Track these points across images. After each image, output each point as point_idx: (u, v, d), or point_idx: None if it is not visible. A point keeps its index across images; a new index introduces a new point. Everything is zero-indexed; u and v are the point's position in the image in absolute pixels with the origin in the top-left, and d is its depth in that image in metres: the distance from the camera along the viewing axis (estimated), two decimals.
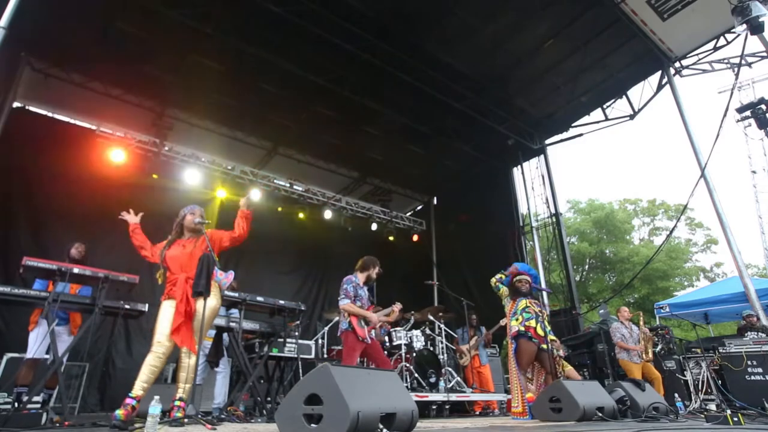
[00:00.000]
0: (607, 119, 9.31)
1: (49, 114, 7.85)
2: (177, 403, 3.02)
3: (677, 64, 8.12)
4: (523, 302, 4.67)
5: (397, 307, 4.69)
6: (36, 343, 3.87)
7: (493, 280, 4.98)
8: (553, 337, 4.72)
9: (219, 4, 6.39)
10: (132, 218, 3.49)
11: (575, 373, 5.93)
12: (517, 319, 4.61)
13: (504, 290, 4.88)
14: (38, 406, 3.54)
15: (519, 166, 10.18)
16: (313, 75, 7.47)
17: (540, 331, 4.50)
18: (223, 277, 3.54)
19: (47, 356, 3.91)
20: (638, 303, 19.69)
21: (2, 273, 6.27)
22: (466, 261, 10.49)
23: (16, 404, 3.59)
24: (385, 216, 11.34)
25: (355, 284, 4.38)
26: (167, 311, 3.14)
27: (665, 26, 7.34)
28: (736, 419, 3.17)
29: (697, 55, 8.00)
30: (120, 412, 2.76)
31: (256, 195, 8.86)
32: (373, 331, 4.36)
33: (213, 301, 3.27)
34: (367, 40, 7.04)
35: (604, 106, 9.25)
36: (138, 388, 2.91)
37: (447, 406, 5.60)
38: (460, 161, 10.62)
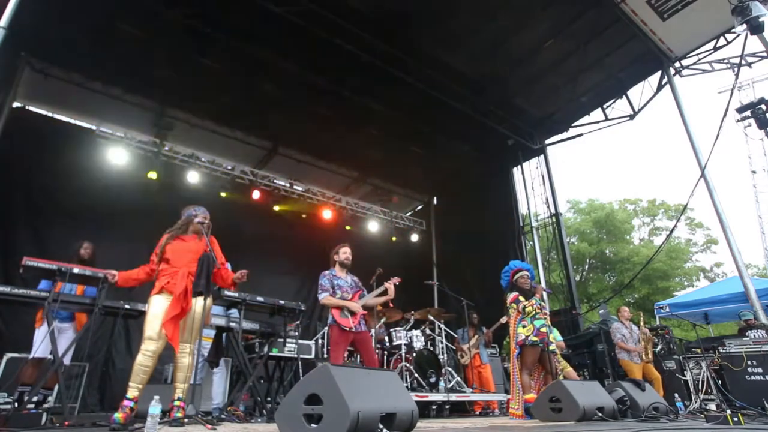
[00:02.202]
0: (607, 119, 9.31)
1: (49, 114, 7.84)
2: (176, 403, 3.03)
3: (677, 64, 8.12)
4: (529, 308, 4.60)
5: (392, 282, 4.37)
6: (40, 342, 3.86)
7: (507, 301, 4.83)
8: (554, 339, 4.71)
9: (219, 4, 6.39)
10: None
11: (574, 374, 5.95)
12: (524, 326, 4.57)
13: (521, 305, 4.66)
14: (32, 406, 3.53)
15: (519, 166, 10.17)
16: (313, 75, 7.48)
17: (544, 332, 4.51)
18: None
19: (51, 356, 3.90)
20: (638, 303, 19.70)
21: (2, 273, 6.27)
22: (466, 261, 10.48)
23: (17, 404, 3.58)
24: (385, 216, 11.34)
25: (329, 276, 4.31)
26: (159, 306, 3.10)
27: (665, 26, 7.34)
28: (736, 419, 3.17)
29: (697, 55, 8.00)
30: (119, 416, 2.76)
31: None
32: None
33: (208, 300, 3.28)
34: (367, 40, 7.04)
35: (604, 106, 9.25)
36: (133, 390, 2.91)
37: (447, 406, 5.60)
38: (460, 161, 10.61)
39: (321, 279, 4.32)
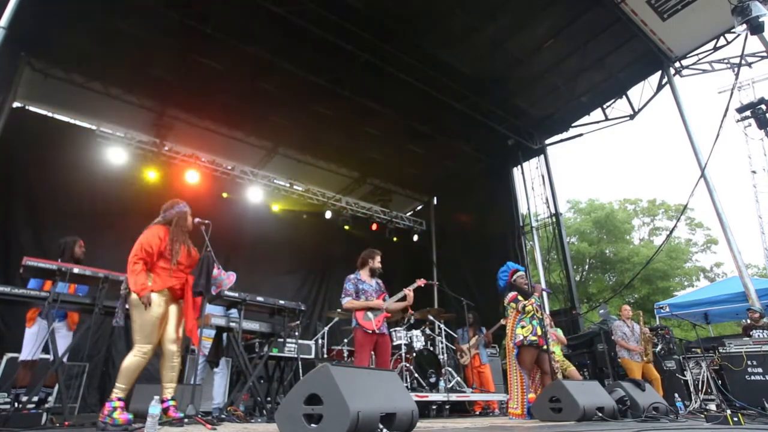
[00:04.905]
0: (607, 119, 9.31)
1: (49, 114, 7.84)
2: (172, 403, 3.02)
3: (677, 64, 8.12)
4: (529, 307, 4.57)
5: (411, 288, 4.41)
6: (31, 342, 3.82)
7: (506, 301, 4.77)
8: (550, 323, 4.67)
9: (219, 4, 6.39)
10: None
11: (576, 374, 5.94)
12: (523, 327, 4.55)
13: (520, 304, 4.61)
14: (32, 406, 3.52)
15: (519, 166, 10.18)
16: (313, 75, 7.47)
17: (540, 333, 4.50)
18: (225, 278, 3.54)
19: (46, 356, 3.89)
20: (638, 303, 19.69)
21: (2, 273, 6.27)
22: (466, 261, 10.48)
23: (15, 404, 3.58)
24: (385, 216, 11.34)
25: (354, 280, 4.35)
26: (158, 308, 3.05)
27: (665, 26, 7.34)
28: (736, 419, 3.17)
29: (697, 55, 8.00)
30: (131, 416, 2.83)
31: None
32: (384, 324, 4.29)
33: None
34: (367, 40, 7.04)
35: (604, 106, 9.25)
36: (125, 391, 2.91)
37: (447, 406, 5.60)
38: (460, 161, 10.62)
39: (346, 283, 4.35)
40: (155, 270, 3.15)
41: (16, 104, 7.18)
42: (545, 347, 4.48)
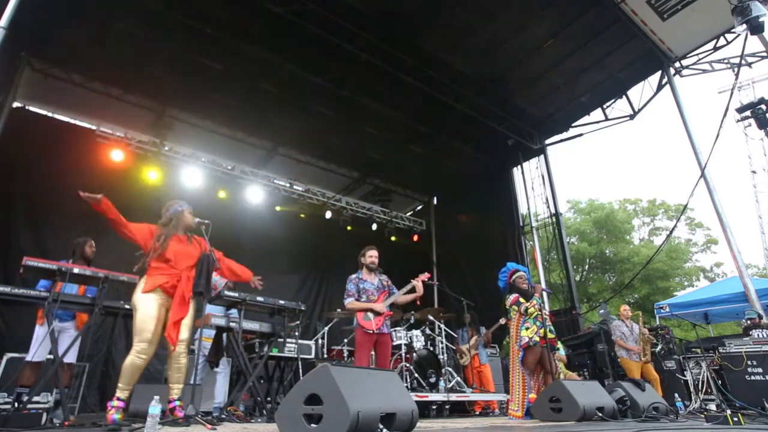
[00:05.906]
0: (607, 119, 9.31)
1: (49, 114, 7.84)
2: (178, 403, 3.03)
3: (677, 64, 8.12)
4: (531, 309, 4.56)
5: (420, 279, 4.37)
6: (39, 342, 3.83)
7: (507, 304, 4.79)
8: (552, 336, 4.69)
9: (219, 4, 6.39)
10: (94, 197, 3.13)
11: (575, 377, 5.94)
12: (527, 328, 4.54)
13: (523, 306, 4.62)
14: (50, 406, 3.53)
15: (519, 166, 10.18)
16: (313, 75, 7.48)
17: (543, 333, 4.50)
18: (219, 278, 3.54)
19: (51, 356, 3.88)
20: (638, 303, 19.68)
21: (2, 273, 6.27)
22: (466, 261, 10.49)
23: (16, 404, 3.58)
24: (385, 216, 11.33)
25: (356, 280, 4.36)
26: (153, 307, 3.04)
27: (665, 26, 7.34)
28: (736, 419, 3.17)
29: (697, 55, 8.01)
30: (119, 417, 2.82)
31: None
32: (386, 323, 4.28)
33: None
34: (367, 40, 7.05)
35: (604, 106, 9.25)
36: (125, 391, 2.92)
37: (447, 406, 5.61)
38: (460, 161, 10.61)
39: (348, 283, 4.35)
40: (148, 270, 3.16)
41: (16, 104, 7.17)
42: (547, 345, 4.47)
